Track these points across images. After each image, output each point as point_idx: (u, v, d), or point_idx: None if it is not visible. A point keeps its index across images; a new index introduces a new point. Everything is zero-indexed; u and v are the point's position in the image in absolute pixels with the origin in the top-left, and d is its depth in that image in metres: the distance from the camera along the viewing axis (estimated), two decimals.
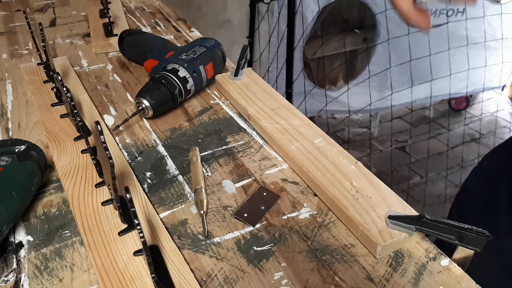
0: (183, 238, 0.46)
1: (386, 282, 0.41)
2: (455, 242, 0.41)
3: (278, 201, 0.50)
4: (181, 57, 0.68)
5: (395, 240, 0.43)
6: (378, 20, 1.99)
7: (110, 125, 0.64)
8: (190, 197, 0.51)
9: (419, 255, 0.44)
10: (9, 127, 0.64)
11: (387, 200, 0.48)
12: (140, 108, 0.63)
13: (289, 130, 0.59)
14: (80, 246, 0.45)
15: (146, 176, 0.55)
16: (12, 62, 0.81)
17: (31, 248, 0.45)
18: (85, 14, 1.02)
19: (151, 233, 0.45)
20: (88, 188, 0.50)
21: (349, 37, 2.10)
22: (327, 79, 2.22)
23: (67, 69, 0.76)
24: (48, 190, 0.53)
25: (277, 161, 0.57)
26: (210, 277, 0.42)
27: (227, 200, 0.51)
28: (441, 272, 0.42)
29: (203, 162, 0.57)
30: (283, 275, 0.42)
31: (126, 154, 0.59)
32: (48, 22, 0.99)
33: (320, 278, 0.42)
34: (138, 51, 0.77)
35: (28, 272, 0.43)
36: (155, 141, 0.61)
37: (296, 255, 0.44)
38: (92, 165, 0.52)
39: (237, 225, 0.48)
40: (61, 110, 0.64)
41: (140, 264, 0.42)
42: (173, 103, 0.65)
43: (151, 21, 0.99)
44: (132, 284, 0.40)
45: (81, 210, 0.47)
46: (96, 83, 0.75)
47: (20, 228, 0.48)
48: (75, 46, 0.88)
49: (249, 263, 0.43)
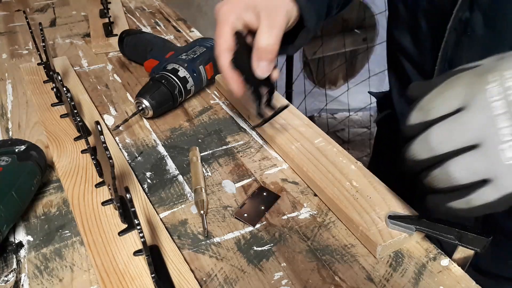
0: (183, 238, 0.46)
1: (386, 282, 0.41)
2: (455, 242, 0.41)
3: (278, 201, 0.50)
4: (181, 57, 0.68)
5: (395, 240, 0.43)
6: (378, 20, 1.99)
7: (110, 125, 0.64)
8: (190, 197, 0.51)
9: (419, 255, 0.44)
10: (9, 127, 0.64)
11: (387, 200, 0.48)
12: (140, 108, 0.63)
13: (289, 130, 0.59)
14: (80, 246, 0.45)
15: (146, 176, 0.55)
16: (12, 62, 0.81)
17: (31, 248, 0.45)
18: (85, 14, 1.02)
19: (151, 233, 0.45)
20: (88, 188, 0.50)
21: (349, 37, 2.10)
22: (327, 79, 2.22)
23: (67, 69, 0.76)
24: (48, 190, 0.53)
25: (277, 161, 0.57)
26: (210, 277, 0.42)
27: (227, 200, 0.51)
28: (441, 272, 0.42)
29: (203, 162, 0.57)
30: (283, 275, 0.42)
31: (126, 154, 0.59)
32: (48, 22, 0.99)
33: (320, 278, 0.42)
34: (138, 51, 0.77)
35: (28, 272, 0.43)
36: (155, 141, 0.61)
37: (296, 255, 0.44)
38: (92, 165, 0.52)
39: (237, 225, 0.48)
40: (61, 110, 0.64)
41: (140, 264, 0.42)
42: (173, 103, 0.65)
43: (151, 21, 0.99)
44: (132, 284, 0.40)
45: (81, 210, 0.47)
46: (96, 83, 0.75)
47: (20, 228, 0.48)
48: (75, 46, 0.88)
49: (249, 263, 0.43)
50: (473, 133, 0.32)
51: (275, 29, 0.46)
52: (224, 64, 0.48)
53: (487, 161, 0.31)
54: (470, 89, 0.32)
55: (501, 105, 0.30)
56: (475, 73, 0.33)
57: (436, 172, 0.34)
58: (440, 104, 0.33)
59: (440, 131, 0.33)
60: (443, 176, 0.34)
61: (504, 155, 0.30)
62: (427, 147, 0.34)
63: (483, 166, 0.31)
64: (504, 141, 0.30)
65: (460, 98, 0.33)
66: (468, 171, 0.32)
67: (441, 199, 0.35)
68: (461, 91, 0.33)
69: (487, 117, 0.31)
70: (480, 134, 0.31)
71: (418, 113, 0.35)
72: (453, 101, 0.33)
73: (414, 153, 0.35)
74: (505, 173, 0.31)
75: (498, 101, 0.31)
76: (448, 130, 0.33)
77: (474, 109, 0.32)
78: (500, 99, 0.31)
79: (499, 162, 0.31)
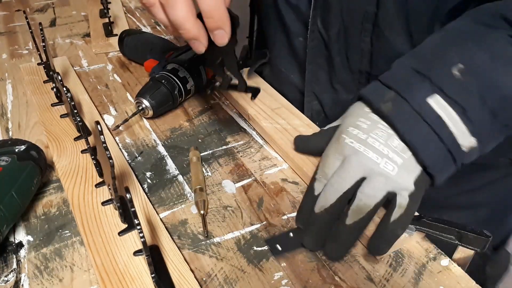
0: (183, 238, 0.46)
1: (386, 282, 0.41)
2: (455, 242, 0.41)
3: (278, 201, 0.50)
4: (181, 57, 0.68)
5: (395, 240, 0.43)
6: None
7: (110, 125, 0.64)
8: (190, 197, 0.51)
9: (419, 255, 0.44)
10: (9, 127, 0.64)
11: None
12: (140, 108, 0.63)
13: (289, 130, 0.59)
14: (80, 246, 0.45)
15: (146, 176, 0.55)
16: (12, 62, 0.81)
17: (31, 248, 0.45)
18: (85, 14, 1.02)
19: (151, 233, 0.45)
20: (88, 188, 0.50)
21: None
22: None
23: (67, 69, 0.76)
24: (48, 190, 0.53)
25: (277, 161, 0.57)
26: (210, 277, 0.42)
27: (227, 200, 0.51)
28: (441, 272, 0.42)
29: (203, 162, 0.57)
30: (283, 275, 0.42)
31: (126, 154, 0.59)
32: (48, 22, 0.99)
33: (320, 278, 0.42)
34: (138, 51, 0.77)
35: (28, 272, 0.43)
36: (155, 141, 0.61)
37: (296, 255, 0.44)
38: (92, 165, 0.52)
39: (237, 225, 0.48)
40: (61, 110, 0.64)
41: (140, 264, 0.42)
42: (173, 103, 0.65)
43: (151, 21, 0.99)
44: (132, 284, 0.40)
45: (81, 210, 0.47)
46: (96, 83, 0.75)
47: (20, 228, 0.48)
48: (75, 46, 0.88)
49: (249, 263, 0.43)
50: (358, 167, 0.41)
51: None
52: (191, 17, 0.42)
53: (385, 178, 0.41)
54: (338, 151, 0.43)
55: (359, 146, 0.42)
56: (334, 141, 0.45)
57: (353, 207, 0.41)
58: (328, 169, 0.43)
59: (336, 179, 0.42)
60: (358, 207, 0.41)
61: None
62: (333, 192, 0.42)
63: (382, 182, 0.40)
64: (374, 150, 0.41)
65: (337, 160, 0.43)
66: (374, 189, 0.40)
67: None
68: (335, 156, 0.43)
69: (356, 155, 0.41)
70: (361, 168, 0.41)
71: (319, 183, 0.44)
72: (334, 164, 0.43)
73: (322, 203, 0.42)
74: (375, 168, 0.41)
75: (356, 144, 0.42)
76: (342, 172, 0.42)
77: (347, 158, 0.42)
78: (356, 142, 0.42)
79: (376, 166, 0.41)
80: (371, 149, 0.41)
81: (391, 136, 0.41)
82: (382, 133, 0.41)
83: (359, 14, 0.56)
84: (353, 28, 0.58)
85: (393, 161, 0.40)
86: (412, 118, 0.39)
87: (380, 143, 0.41)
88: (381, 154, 0.40)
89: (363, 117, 0.43)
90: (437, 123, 0.39)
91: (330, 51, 0.62)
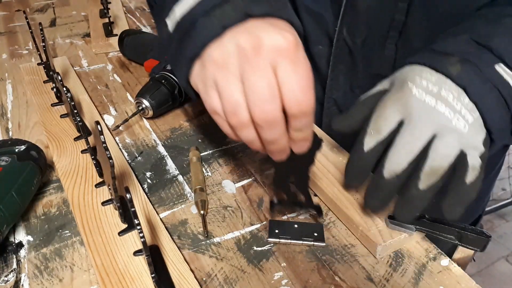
0: (183, 238, 0.46)
1: (386, 282, 0.41)
2: (455, 242, 0.41)
3: None
4: None
5: (395, 240, 0.43)
6: None
7: (110, 125, 0.64)
8: (190, 197, 0.51)
9: (419, 255, 0.44)
10: (9, 127, 0.64)
11: None
12: (140, 108, 0.63)
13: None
14: (80, 246, 0.45)
15: (146, 176, 0.55)
16: (12, 62, 0.81)
17: (31, 248, 0.45)
18: (85, 14, 1.02)
19: (151, 233, 0.45)
20: (88, 188, 0.50)
21: None
22: None
23: (67, 69, 0.76)
24: (48, 190, 0.53)
25: None
26: (210, 277, 0.42)
27: (227, 200, 0.51)
28: (441, 272, 0.42)
29: (203, 162, 0.57)
30: (283, 275, 0.42)
31: (126, 154, 0.59)
32: (48, 22, 0.99)
33: (320, 278, 0.42)
34: (138, 51, 0.77)
35: (28, 272, 0.43)
36: (155, 141, 0.61)
37: (296, 255, 0.44)
38: (92, 165, 0.52)
39: (237, 225, 0.48)
40: (61, 110, 0.64)
41: (140, 264, 0.42)
42: (173, 103, 0.65)
43: (151, 21, 0.99)
44: (132, 284, 0.40)
45: (81, 210, 0.47)
46: (96, 83, 0.75)
47: (20, 228, 0.48)
48: (75, 46, 0.88)
49: (249, 263, 0.43)
50: (428, 124, 0.39)
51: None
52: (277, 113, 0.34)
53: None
54: (401, 103, 0.40)
55: (430, 99, 0.39)
56: (394, 92, 0.41)
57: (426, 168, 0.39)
58: (384, 124, 0.40)
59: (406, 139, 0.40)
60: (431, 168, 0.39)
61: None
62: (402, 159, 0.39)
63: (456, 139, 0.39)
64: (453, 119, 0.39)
65: (396, 114, 0.40)
66: (448, 148, 0.38)
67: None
68: (394, 109, 0.40)
69: (426, 110, 0.39)
70: (432, 125, 0.39)
71: (370, 138, 0.41)
72: (393, 118, 0.40)
73: (393, 168, 0.40)
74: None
75: (427, 97, 0.39)
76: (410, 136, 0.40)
77: (415, 113, 0.39)
78: (427, 94, 0.39)
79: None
80: (445, 102, 0.39)
81: (462, 93, 0.39)
82: (452, 88, 0.39)
83: (386, 22, 0.55)
84: (379, 36, 0.57)
85: (465, 118, 0.39)
86: (482, 82, 0.39)
87: (454, 96, 0.39)
88: (454, 109, 0.39)
89: (426, 72, 0.41)
90: (506, 89, 0.39)
91: (354, 58, 0.61)
